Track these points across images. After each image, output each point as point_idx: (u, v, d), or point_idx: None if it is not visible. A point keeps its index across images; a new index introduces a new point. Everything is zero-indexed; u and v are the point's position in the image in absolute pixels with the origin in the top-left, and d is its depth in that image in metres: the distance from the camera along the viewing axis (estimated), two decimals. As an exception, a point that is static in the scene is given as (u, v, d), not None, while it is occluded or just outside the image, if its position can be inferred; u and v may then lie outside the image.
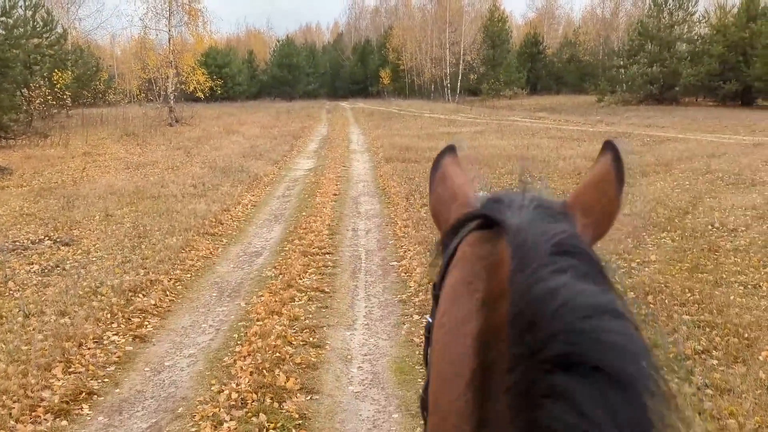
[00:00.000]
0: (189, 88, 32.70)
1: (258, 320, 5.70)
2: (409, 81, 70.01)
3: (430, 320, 0.88)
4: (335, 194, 12.00)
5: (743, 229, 8.37)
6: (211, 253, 8.09)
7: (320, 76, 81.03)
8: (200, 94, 33.25)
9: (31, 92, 24.43)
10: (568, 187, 11.47)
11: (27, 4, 28.46)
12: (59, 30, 29.72)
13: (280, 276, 6.97)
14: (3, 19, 22.73)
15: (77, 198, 11.56)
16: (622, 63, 44.84)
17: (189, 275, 7.14)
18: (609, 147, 0.87)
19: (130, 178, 14.24)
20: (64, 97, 25.56)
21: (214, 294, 6.57)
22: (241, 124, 32.04)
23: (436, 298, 0.83)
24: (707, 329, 5.17)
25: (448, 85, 57.98)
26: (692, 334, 5.01)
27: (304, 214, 10.16)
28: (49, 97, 24.91)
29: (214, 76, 72.39)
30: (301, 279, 6.87)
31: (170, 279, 6.89)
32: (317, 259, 7.60)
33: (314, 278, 6.92)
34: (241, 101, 70.99)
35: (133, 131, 27.04)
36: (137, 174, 15.06)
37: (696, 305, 5.70)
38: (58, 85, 24.38)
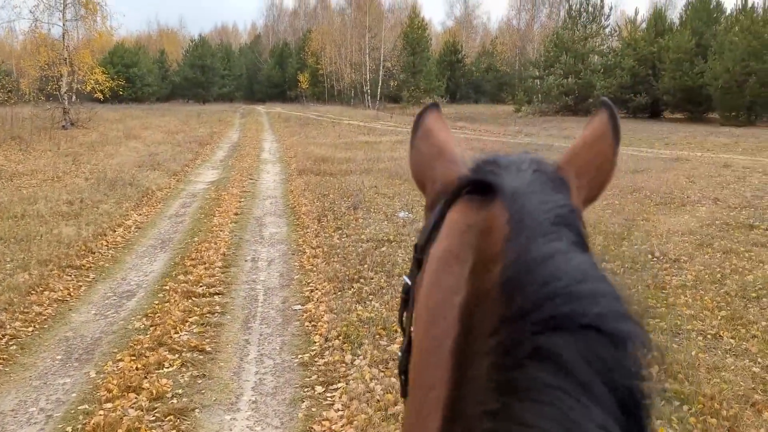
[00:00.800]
0: (86, 87, 29.97)
1: (107, 400, 4.26)
2: (329, 86, 68.70)
3: (407, 281, 0.86)
4: (237, 213, 10.56)
5: (686, 259, 7.64)
6: (69, 294, 6.51)
7: (236, 79, 78.36)
8: (99, 95, 30.58)
9: None
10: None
11: None
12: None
13: (151, 329, 5.53)
14: None
15: None
16: (538, 74, 45.38)
17: (32, 328, 5.57)
18: (605, 105, 0.86)
19: (-4, 191, 12.21)
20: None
21: (59, 357, 5.05)
22: (145, 128, 29.74)
23: (418, 261, 0.81)
24: (676, 403, 4.20)
25: (368, 91, 57.10)
26: (661, 414, 4.01)
27: (196, 239, 8.68)
28: None
29: (121, 76, 68.71)
30: (177, 333, 5.45)
31: (2, 336, 5.30)
32: (203, 303, 6.19)
33: (195, 331, 5.53)
34: (150, 103, 67.49)
35: (19, 134, 24.32)
36: (9, 186, 13.02)
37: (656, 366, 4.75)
38: None
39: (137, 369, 4.72)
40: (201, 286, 6.66)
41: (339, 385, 4.56)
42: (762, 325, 5.60)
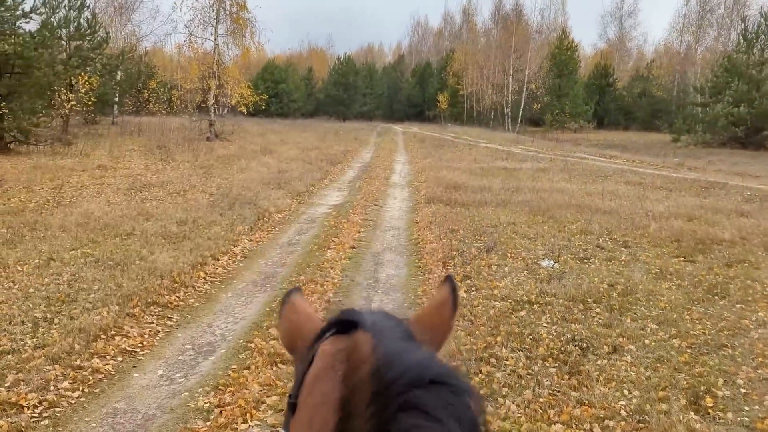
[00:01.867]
0: (232, 101, 30.82)
1: None
2: (468, 107, 67.31)
3: (282, 431, 0.94)
4: (353, 246, 9.34)
5: None
6: (142, 342, 5.51)
7: (377, 97, 79.23)
8: (242, 109, 31.32)
9: (61, 96, 22.89)
10: (666, 263, 8.48)
11: (71, 4, 27.25)
12: (102, 34, 28.37)
13: (216, 412, 4.30)
14: (33, 15, 21.26)
15: (35, 229, 9.27)
16: (702, 101, 40.90)
17: (79, 392, 4.53)
18: (449, 281, 1.04)
19: (122, 203, 11.97)
20: (89, 103, 23.86)
21: (95, 446, 3.94)
22: (283, 143, 29.97)
23: (292, 406, 0.88)
24: None
25: (509, 113, 54.99)
26: None
27: (302, 277, 7.53)
28: (73, 103, 23.24)
29: (270, 92, 71.84)
30: (246, 423, 4.18)
31: (38, 404, 4.30)
32: (288, 375, 4.91)
33: (269, 422, 4.22)
34: (295, 118, 69.88)
35: (165, 144, 25.18)
36: (136, 198, 12.82)
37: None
38: (83, 90, 22.73)
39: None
40: (292, 348, 5.40)
41: None
42: None
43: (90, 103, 23.97)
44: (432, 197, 13.79)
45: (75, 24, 27.26)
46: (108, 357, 5.12)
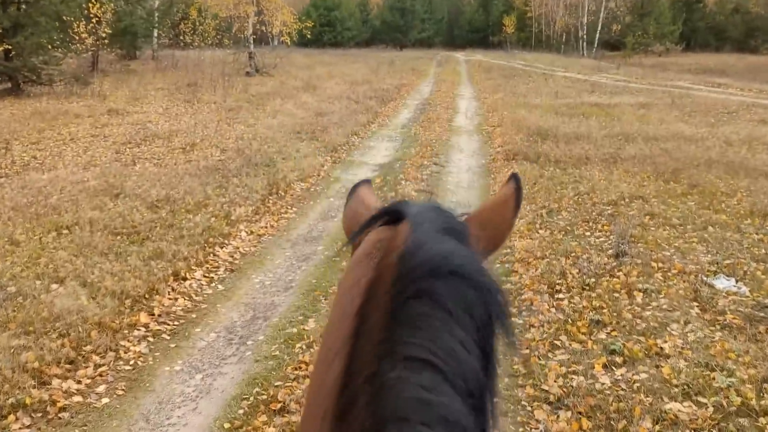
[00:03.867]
0: (273, 30, 27.36)
1: None
2: (537, 31, 61.35)
3: None
4: (403, 245, 6.15)
5: None
6: None
7: (436, 23, 73.63)
8: (286, 39, 27.83)
9: (77, 28, 20.02)
10: None
11: None
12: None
13: None
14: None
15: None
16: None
17: None
18: (514, 179, 0.99)
19: (105, 165, 9.07)
20: (103, 35, 20.91)
21: None
22: (331, 77, 26.50)
23: None
24: None
25: (584, 36, 49.26)
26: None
27: (312, 318, 4.42)
28: (94, 36, 20.37)
29: (322, 20, 67.58)
30: None
31: None
32: None
33: None
34: (349, 48, 65.67)
35: (196, 81, 22.18)
36: (127, 156, 9.93)
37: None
38: (94, 20, 19.76)
39: None
40: None
41: None
42: None
43: (105, 35, 20.99)
44: (511, 151, 10.28)
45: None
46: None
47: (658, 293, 4.79)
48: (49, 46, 18.43)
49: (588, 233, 6.27)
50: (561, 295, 4.83)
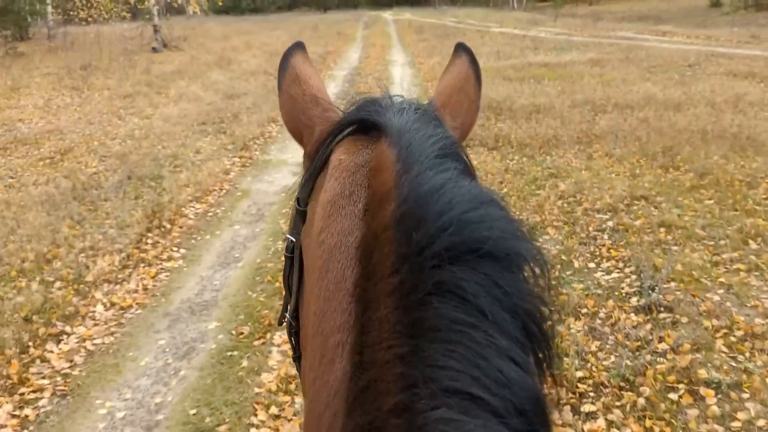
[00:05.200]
0: (178, -1, 24.40)
1: None
2: (464, -15, 59.33)
3: (291, 239, 0.83)
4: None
5: None
6: None
7: (360, -18, 70.50)
8: (193, 8, 24.92)
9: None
10: None
11: None
12: None
13: None
14: None
15: None
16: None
17: None
18: (463, 49, 0.92)
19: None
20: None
21: None
22: (248, 48, 23.90)
23: (302, 213, 0.78)
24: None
25: (514, -12, 47.59)
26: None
27: None
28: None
29: (238, -16, 63.41)
30: None
31: None
32: None
33: None
34: (270, 14, 61.94)
35: (91, 63, 19.26)
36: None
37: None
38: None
39: None
40: None
41: None
42: None
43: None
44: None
45: None
46: None
47: (738, 389, 3.05)
48: None
49: (592, 264, 4.50)
50: (589, 405, 3.03)
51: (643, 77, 11.87)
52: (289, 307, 0.88)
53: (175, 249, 5.27)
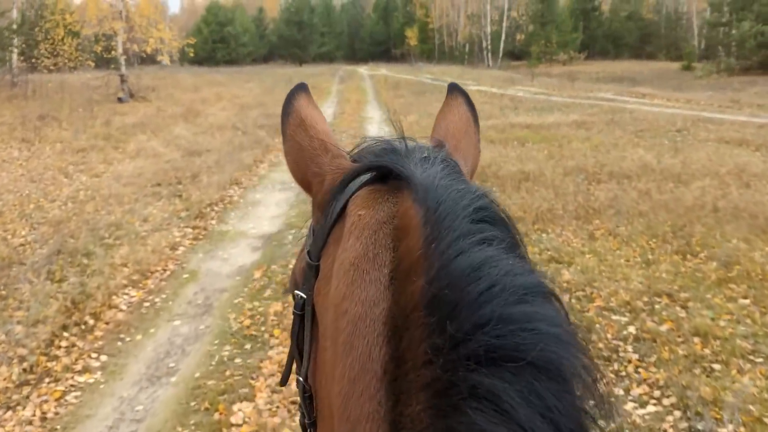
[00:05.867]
0: (148, 48, 23.62)
1: None
2: (440, 42, 60.22)
3: (302, 295, 0.78)
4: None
5: None
6: None
7: (336, 37, 71.18)
8: (164, 58, 24.19)
9: None
10: None
11: None
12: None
13: None
14: None
15: None
16: (724, 20, 34.62)
17: None
18: (458, 91, 0.89)
19: None
20: None
21: None
22: (219, 99, 23.15)
23: (314, 269, 0.73)
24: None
25: (489, 47, 48.12)
26: None
27: None
28: None
29: (215, 36, 63.52)
30: None
31: None
32: None
33: None
34: (245, 65, 61.77)
35: (50, 113, 18.23)
36: None
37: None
38: None
39: None
40: None
41: None
42: None
43: None
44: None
45: None
46: None
47: None
48: None
49: (619, 391, 3.55)
50: None
51: (632, 142, 11.25)
52: (302, 370, 0.80)
53: (94, 355, 4.19)
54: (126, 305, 4.96)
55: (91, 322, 4.61)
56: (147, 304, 5.02)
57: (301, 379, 0.81)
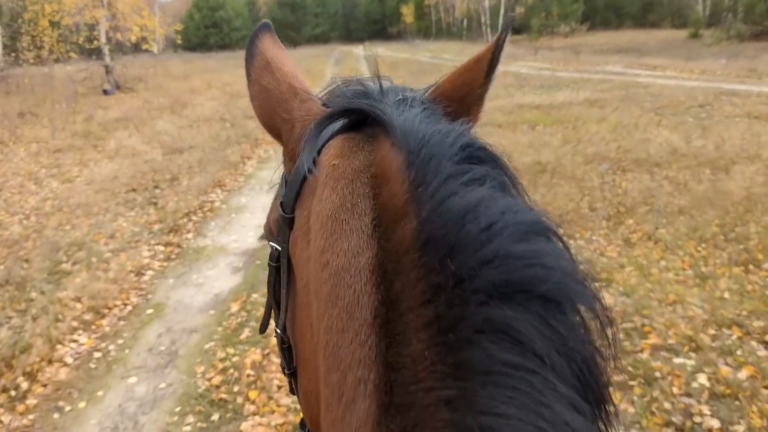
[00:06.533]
0: (132, 36, 22.52)
1: None
2: (436, 19, 58.68)
3: (277, 247, 0.76)
4: None
5: None
6: None
7: (330, 17, 69.61)
8: (149, 46, 23.09)
9: None
10: None
11: None
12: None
13: None
14: None
15: None
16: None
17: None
18: (507, 28, 0.78)
19: None
20: None
21: None
22: (208, 87, 22.14)
23: (288, 221, 0.71)
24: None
25: (488, 22, 46.68)
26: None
27: None
28: None
29: (206, 21, 62.12)
30: None
31: None
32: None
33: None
34: (239, 50, 60.44)
35: (30, 109, 17.29)
36: None
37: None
38: None
39: None
40: None
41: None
42: None
43: None
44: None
45: None
46: None
47: None
48: None
49: (704, 479, 2.66)
50: None
51: (653, 122, 10.25)
52: (279, 322, 0.80)
53: (18, 438, 3.30)
54: (72, 357, 4.06)
55: (24, 385, 3.72)
56: (98, 354, 4.11)
57: (278, 330, 0.80)
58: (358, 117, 0.63)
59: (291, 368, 0.79)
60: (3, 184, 9.25)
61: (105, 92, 21.54)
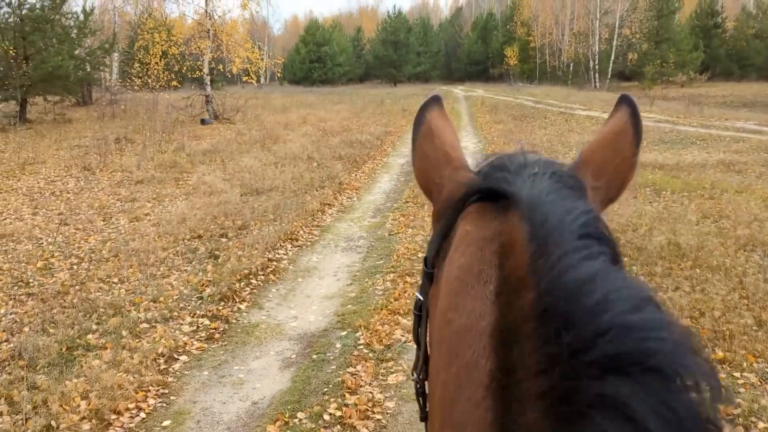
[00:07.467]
0: (233, 68, 22.61)
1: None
2: (541, 62, 57.01)
3: (420, 297, 0.82)
4: None
5: None
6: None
7: (432, 56, 69.43)
8: (249, 78, 23.07)
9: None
10: None
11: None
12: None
13: None
14: None
15: None
16: None
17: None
18: (625, 101, 0.81)
19: None
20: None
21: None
22: (303, 122, 21.73)
23: (429, 276, 0.76)
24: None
25: (596, 67, 44.57)
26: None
27: None
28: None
29: (312, 56, 63.52)
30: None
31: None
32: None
33: None
34: (342, 84, 61.27)
35: (127, 135, 17.39)
36: None
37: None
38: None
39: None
40: None
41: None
42: None
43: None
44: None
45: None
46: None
47: None
48: None
49: None
50: None
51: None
52: (417, 366, 0.84)
53: None
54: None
55: None
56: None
57: (414, 375, 0.83)
58: (490, 192, 0.65)
59: (423, 413, 0.81)
60: (71, 217, 8.74)
61: (203, 122, 21.64)
